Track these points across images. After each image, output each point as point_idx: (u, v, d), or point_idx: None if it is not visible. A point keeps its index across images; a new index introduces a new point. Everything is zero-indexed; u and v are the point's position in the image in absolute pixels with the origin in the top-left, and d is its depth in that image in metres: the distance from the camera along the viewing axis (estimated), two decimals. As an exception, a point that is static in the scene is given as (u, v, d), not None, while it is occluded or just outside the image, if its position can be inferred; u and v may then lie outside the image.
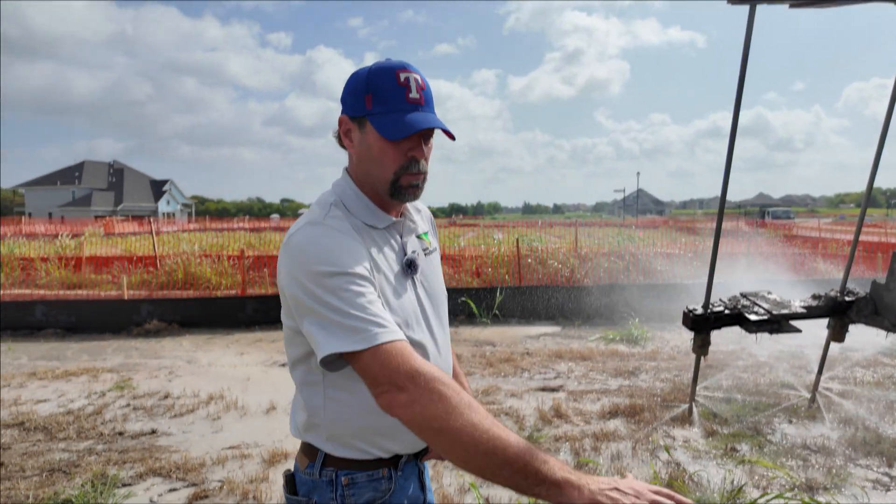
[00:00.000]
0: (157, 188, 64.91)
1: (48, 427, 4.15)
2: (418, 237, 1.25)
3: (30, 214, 50.63)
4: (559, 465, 0.83)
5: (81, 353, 6.83)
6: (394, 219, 1.17)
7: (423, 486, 1.24)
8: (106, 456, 3.63)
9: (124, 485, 3.23)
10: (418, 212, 1.31)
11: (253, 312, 8.12)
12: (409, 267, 1.16)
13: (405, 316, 1.11)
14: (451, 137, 1.16)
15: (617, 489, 0.81)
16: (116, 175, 61.94)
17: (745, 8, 3.08)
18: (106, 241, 15.13)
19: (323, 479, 1.12)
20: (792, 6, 3.09)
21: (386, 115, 1.07)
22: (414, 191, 1.13)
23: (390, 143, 1.08)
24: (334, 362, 0.99)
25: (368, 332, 0.94)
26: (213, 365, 6.08)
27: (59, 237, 12.03)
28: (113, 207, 57.12)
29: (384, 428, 1.11)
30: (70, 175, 59.75)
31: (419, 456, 1.22)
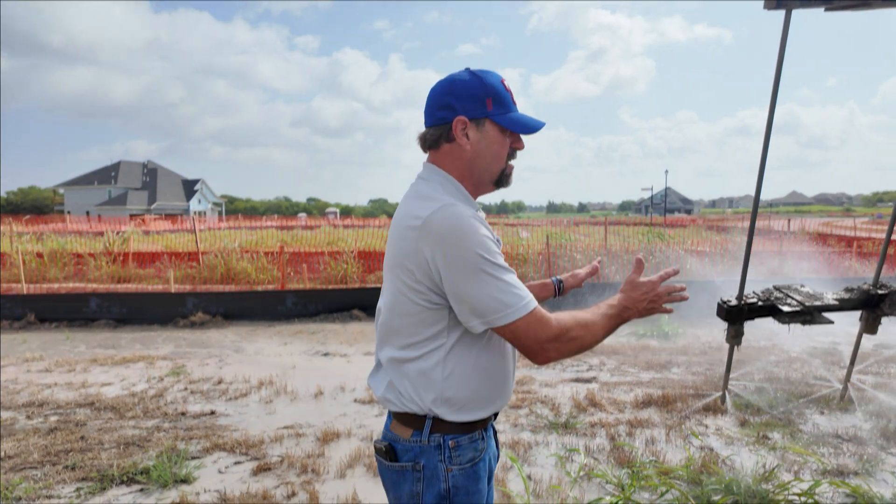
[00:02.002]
0: (189, 187, 66.52)
1: (117, 407, 4.50)
2: None
3: (69, 213, 52.53)
4: (616, 306, 1.28)
5: (134, 342, 7.25)
6: (479, 206, 1.36)
7: (497, 444, 1.46)
8: (173, 433, 3.95)
9: (193, 457, 3.52)
10: None
11: (292, 305, 8.46)
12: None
13: None
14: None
15: (647, 299, 1.29)
16: (150, 175, 63.69)
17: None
18: (145, 238, 15.76)
19: (431, 444, 1.25)
20: (828, 9, 3.20)
21: (506, 115, 1.27)
22: (510, 178, 1.34)
23: (504, 138, 1.29)
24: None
25: (523, 300, 1.17)
26: (259, 354, 6.41)
27: (106, 234, 12.61)
28: (147, 206, 58.81)
29: (493, 393, 1.29)
30: (107, 175, 61.72)
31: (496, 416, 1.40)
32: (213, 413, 4.38)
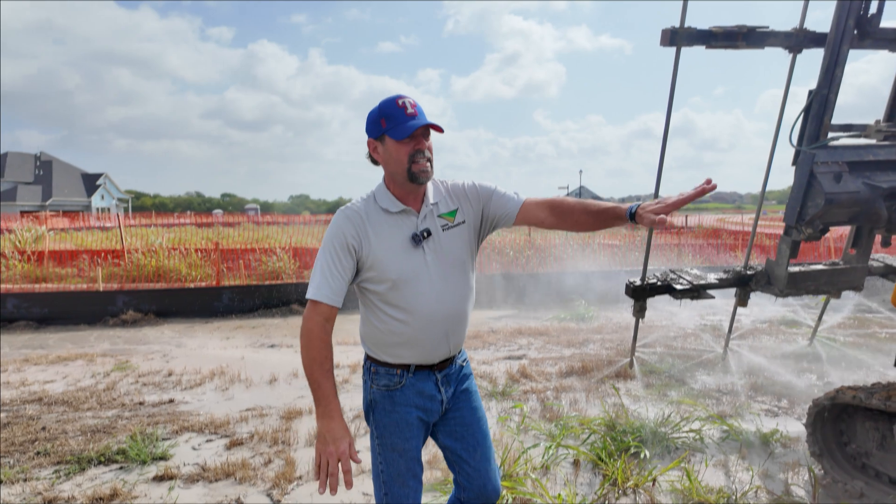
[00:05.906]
0: (91, 182, 61.59)
1: (68, 401, 4.55)
2: (440, 216, 1.73)
3: (-54, 209, 46.98)
4: (327, 411, 1.61)
5: (63, 341, 7.06)
6: (403, 206, 1.69)
7: (437, 388, 1.80)
8: (137, 420, 4.11)
9: (164, 439, 3.75)
10: (437, 194, 1.76)
11: (229, 302, 8.52)
12: (413, 239, 1.68)
13: (401, 272, 1.66)
14: (440, 130, 1.62)
15: (330, 454, 1.59)
16: (44, 168, 58.30)
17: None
18: (51, 237, 14.77)
19: (365, 368, 1.86)
20: (708, 48, 3.98)
21: (396, 127, 1.61)
22: (424, 174, 1.64)
23: (401, 145, 1.61)
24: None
25: (313, 287, 1.65)
26: (203, 348, 6.51)
27: (15, 232, 11.78)
28: (41, 202, 53.84)
29: (390, 345, 1.74)
30: (-9, 167, 55.77)
31: (433, 368, 1.79)
32: (171, 401, 4.56)
